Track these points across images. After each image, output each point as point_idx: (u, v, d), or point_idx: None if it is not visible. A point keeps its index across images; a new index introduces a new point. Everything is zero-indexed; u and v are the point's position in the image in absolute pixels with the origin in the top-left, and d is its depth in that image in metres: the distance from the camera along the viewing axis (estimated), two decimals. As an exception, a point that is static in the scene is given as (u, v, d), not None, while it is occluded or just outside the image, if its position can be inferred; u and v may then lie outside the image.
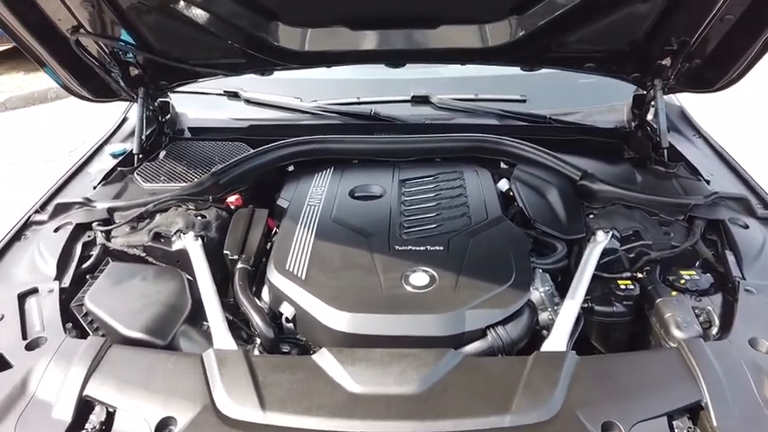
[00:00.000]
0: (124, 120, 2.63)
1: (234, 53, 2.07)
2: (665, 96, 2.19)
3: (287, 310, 1.54)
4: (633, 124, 2.43)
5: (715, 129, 2.55)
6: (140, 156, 2.22)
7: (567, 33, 1.97)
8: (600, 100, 2.64)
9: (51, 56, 1.95)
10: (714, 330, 1.47)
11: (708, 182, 2.02)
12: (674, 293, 1.56)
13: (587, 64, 2.16)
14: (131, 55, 2.12)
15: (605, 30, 1.93)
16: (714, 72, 2.04)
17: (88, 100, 2.21)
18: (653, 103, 2.26)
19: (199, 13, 1.85)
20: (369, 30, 1.94)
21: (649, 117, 2.36)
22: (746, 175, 2.09)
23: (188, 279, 1.65)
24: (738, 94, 2.12)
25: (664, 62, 2.08)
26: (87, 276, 1.66)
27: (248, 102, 2.64)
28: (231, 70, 2.23)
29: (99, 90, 2.19)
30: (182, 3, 1.80)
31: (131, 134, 2.37)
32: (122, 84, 2.18)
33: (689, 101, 2.67)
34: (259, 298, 1.64)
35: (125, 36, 1.99)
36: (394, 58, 2.12)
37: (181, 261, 1.72)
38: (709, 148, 2.35)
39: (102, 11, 1.84)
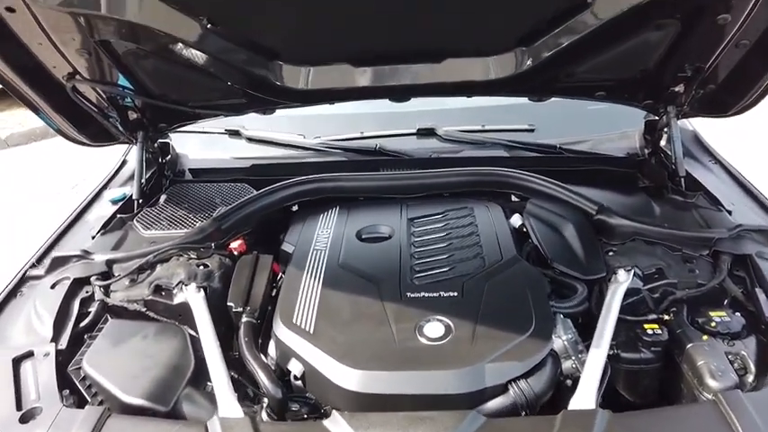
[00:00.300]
0: (123, 162, 2.57)
1: (234, 94, 2.01)
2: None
3: (295, 368, 1.46)
4: (646, 151, 2.36)
5: (727, 150, 2.49)
6: (140, 201, 2.16)
7: (575, 64, 1.91)
8: (610, 126, 2.58)
9: (46, 102, 1.89)
10: (750, 378, 1.38)
11: (729, 212, 1.94)
12: (704, 338, 1.47)
13: (597, 93, 2.10)
14: (129, 99, 2.07)
15: (615, 59, 1.86)
16: (729, 97, 1.98)
17: (86, 145, 2.15)
18: (666, 129, 2.19)
19: (198, 56, 1.79)
20: (372, 66, 1.89)
21: (663, 143, 2.29)
22: (769, 203, 2.01)
23: (191, 335, 1.58)
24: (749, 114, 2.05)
25: (677, 89, 2.02)
26: (85, 336, 1.59)
27: (250, 140, 2.59)
28: (232, 110, 2.18)
29: (97, 135, 2.14)
30: (180, 45, 1.75)
31: (131, 177, 2.31)
32: (121, 128, 2.12)
33: (702, 125, 2.60)
34: (265, 353, 1.56)
35: (122, 81, 1.94)
36: (398, 94, 2.06)
37: (183, 315, 1.64)
38: (727, 174, 2.27)
39: (99, 57, 1.79)
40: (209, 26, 1.65)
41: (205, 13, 1.63)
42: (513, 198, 2.14)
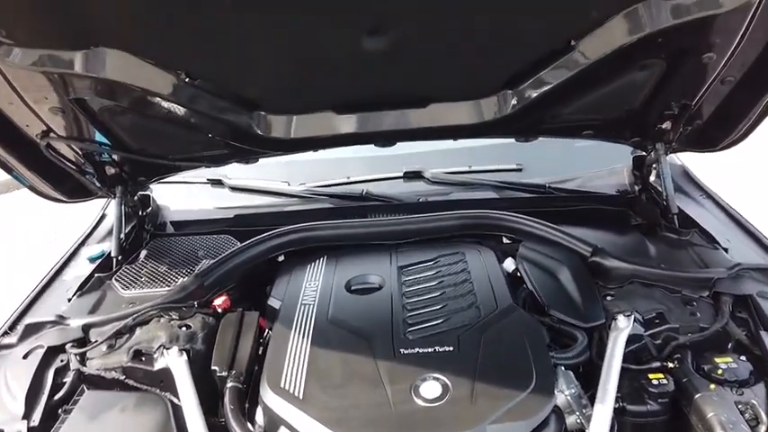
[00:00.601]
0: (102, 217, 2.49)
1: (216, 145, 1.97)
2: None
3: (284, 436, 1.37)
4: (636, 188, 2.33)
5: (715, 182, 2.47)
6: (119, 258, 2.08)
7: (561, 105, 1.89)
8: (598, 163, 2.56)
9: (19, 161, 1.83)
10: (762, 429, 1.33)
11: (726, 249, 1.90)
12: (712, 386, 1.42)
13: (584, 132, 2.08)
14: (107, 155, 2.00)
15: (601, 99, 1.86)
16: (718, 132, 1.97)
17: (62, 202, 2.08)
18: (655, 165, 2.17)
19: (177, 109, 1.75)
20: (356, 113, 1.85)
21: (652, 179, 2.26)
22: (766, 240, 1.97)
23: (173, 403, 1.48)
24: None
25: (664, 126, 2.00)
26: (60, 410, 1.49)
27: (233, 188, 2.53)
28: (214, 161, 2.13)
29: (73, 191, 2.07)
30: (158, 100, 1.70)
31: (110, 232, 2.23)
32: (98, 184, 2.06)
33: (690, 158, 2.58)
34: (253, 421, 1.47)
35: (99, 137, 1.88)
36: (383, 139, 2.02)
37: (165, 381, 1.55)
38: (719, 209, 2.24)
39: (74, 115, 1.74)
40: (187, 80, 1.61)
41: (183, 68, 1.59)
42: (505, 240, 2.10)
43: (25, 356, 1.61)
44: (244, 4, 1.35)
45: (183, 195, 2.56)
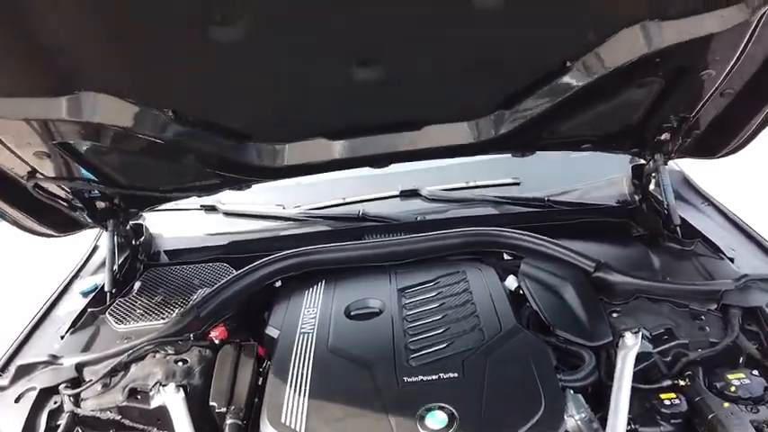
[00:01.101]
0: (95, 248, 2.45)
1: (207, 175, 1.93)
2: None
3: (287, 474, 1.33)
4: (636, 198, 2.29)
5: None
6: (113, 291, 2.03)
7: (558, 122, 1.87)
8: (597, 173, 2.52)
9: (5, 202, 1.78)
10: None
11: (732, 259, 1.87)
12: (726, 405, 1.38)
13: (583, 145, 2.05)
14: (97, 191, 1.97)
15: (599, 116, 1.83)
16: (717, 141, 1.95)
17: (52, 236, 2.03)
18: (654, 174, 2.14)
19: (165, 146, 1.70)
20: (349, 138, 1.82)
21: (652, 188, 2.23)
22: (771, 246, 1.94)
23: None
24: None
25: (663, 137, 1.97)
26: None
27: (227, 214, 2.49)
28: (205, 191, 2.09)
29: (63, 225, 2.02)
30: (144, 136, 1.65)
31: (103, 264, 2.19)
32: (89, 219, 2.01)
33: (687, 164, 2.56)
34: (254, 457, 1.42)
35: (87, 174, 1.84)
36: (377, 162, 1.99)
37: (162, 420, 1.51)
38: (722, 216, 2.21)
39: (60, 156, 1.69)
40: (173, 117, 1.58)
41: (168, 105, 1.55)
42: (506, 257, 2.06)
43: (17, 399, 1.57)
44: (227, 37, 1.32)
45: (177, 223, 2.52)
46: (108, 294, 2.03)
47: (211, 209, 2.51)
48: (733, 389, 1.41)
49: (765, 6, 1.39)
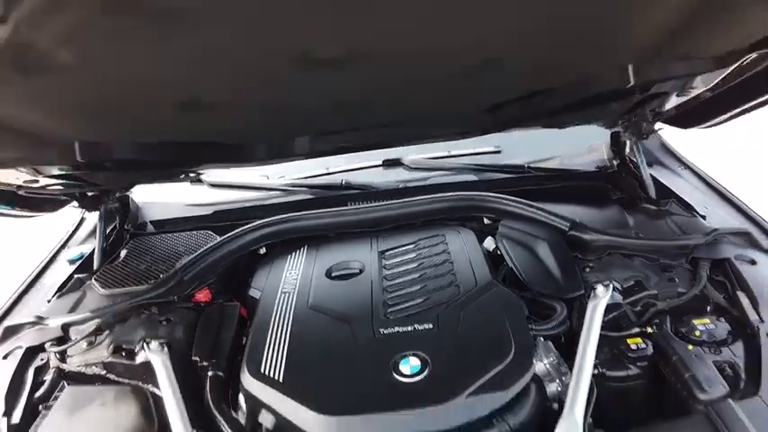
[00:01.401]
0: (82, 220, 2.48)
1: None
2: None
3: (266, 420, 1.36)
4: (615, 162, 2.33)
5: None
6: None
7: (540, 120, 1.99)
8: (577, 141, 2.55)
9: None
10: (741, 385, 1.32)
11: (704, 217, 1.91)
12: (690, 347, 1.42)
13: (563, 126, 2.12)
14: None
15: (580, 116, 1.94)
16: (690, 121, 1.99)
17: (38, 214, 2.07)
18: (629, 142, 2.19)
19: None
20: (336, 135, 1.88)
21: (627, 151, 2.27)
22: (743, 205, 1.98)
23: (155, 395, 1.48)
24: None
25: (637, 120, 2.03)
26: (40, 407, 1.48)
27: (213, 185, 2.51)
28: (192, 173, 2.15)
29: (53, 207, 2.07)
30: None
31: (90, 235, 2.22)
32: (79, 206, 2.08)
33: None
34: (236, 407, 1.46)
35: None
36: (364, 149, 2.07)
37: (146, 375, 1.54)
38: (698, 179, 2.25)
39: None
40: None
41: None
42: (486, 220, 2.10)
43: (4, 357, 1.61)
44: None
45: (163, 194, 2.55)
46: (95, 262, 2.07)
47: (197, 180, 2.53)
48: (698, 333, 1.45)
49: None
